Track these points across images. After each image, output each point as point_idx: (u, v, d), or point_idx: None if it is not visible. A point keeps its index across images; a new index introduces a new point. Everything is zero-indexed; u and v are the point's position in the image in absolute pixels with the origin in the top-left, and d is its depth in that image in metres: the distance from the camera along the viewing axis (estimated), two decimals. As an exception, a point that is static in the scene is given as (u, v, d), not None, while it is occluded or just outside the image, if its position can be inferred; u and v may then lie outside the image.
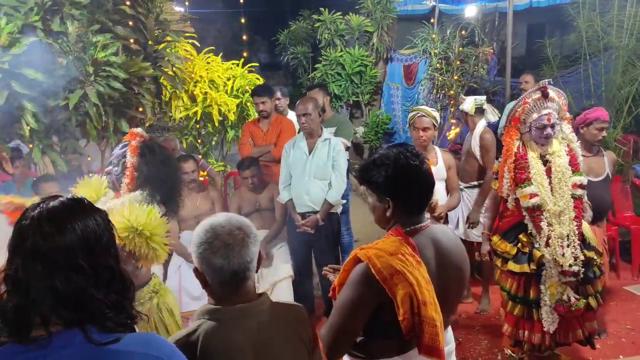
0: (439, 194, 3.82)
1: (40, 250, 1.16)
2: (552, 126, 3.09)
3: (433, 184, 1.88)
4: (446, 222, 3.95)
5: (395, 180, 1.83)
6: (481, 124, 4.40)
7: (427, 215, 1.95)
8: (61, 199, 1.25)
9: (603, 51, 6.01)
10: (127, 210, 2.30)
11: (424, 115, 3.82)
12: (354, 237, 5.20)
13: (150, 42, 4.03)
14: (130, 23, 3.96)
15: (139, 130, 2.74)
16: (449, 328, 2.04)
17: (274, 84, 6.28)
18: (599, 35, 5.96)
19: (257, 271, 1.64)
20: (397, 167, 1.82)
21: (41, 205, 1.23)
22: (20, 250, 1.18)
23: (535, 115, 3.10)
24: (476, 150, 4.39)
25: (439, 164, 3.90)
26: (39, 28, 3.44)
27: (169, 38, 4.19)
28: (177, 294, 4.02)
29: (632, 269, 5.17)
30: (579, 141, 3.31)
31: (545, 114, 3.07)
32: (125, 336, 1.21)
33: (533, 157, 3.14)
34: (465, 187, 4.54)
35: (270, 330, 1.60)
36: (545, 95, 3.07)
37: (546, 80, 3.15)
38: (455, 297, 1.94)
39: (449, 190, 4.02)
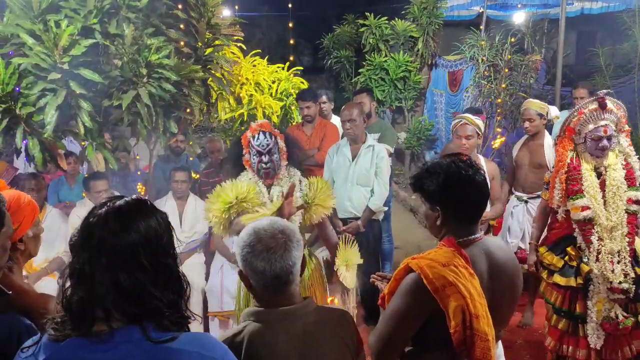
0: None
1: (107, 246, 1.21)
2: (609, 138, 2.99)
3: (487, 195, 1.87)
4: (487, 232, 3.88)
5: (445, 189, 1.82)
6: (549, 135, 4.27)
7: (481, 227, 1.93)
8: (126, 199, 1.30)
9: (659, 61, 5.81)
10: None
11: (467, 123, 3.77)
12: (394, 244, 5.16)
13: (200, 45, 4.10)
14: (182, 27, 4.04)
15: (265, 120, 3.27)
16: (499, 342, 2.01)
17: (316, 87, 6.31)
18: (656, 44, 5.76)
19: (301, 275, 1.65)
20: (448, 176, 1.82)
21: (108, 204, 1.27)
22: (87, 246, 1.22)
23: (591, 126, 3.00)
24: (551, 161, 4.18)
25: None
26: (97, 30, 3.55)
27: (218, 42, 4.25)
28: (219, 294, 4.09)
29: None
30: None
31: (602, 125, 2.97)
32: (181, 335, 1.24)
33: (587, 169, 3.05)
34: (529, 198, 4.42)
35: (314, 334, 1.60)
36: (602, 107, 2.97)
37: (604, 90, 3.06)
38: (507, 311, 1.92)
39: (491, 200, 3.94)
